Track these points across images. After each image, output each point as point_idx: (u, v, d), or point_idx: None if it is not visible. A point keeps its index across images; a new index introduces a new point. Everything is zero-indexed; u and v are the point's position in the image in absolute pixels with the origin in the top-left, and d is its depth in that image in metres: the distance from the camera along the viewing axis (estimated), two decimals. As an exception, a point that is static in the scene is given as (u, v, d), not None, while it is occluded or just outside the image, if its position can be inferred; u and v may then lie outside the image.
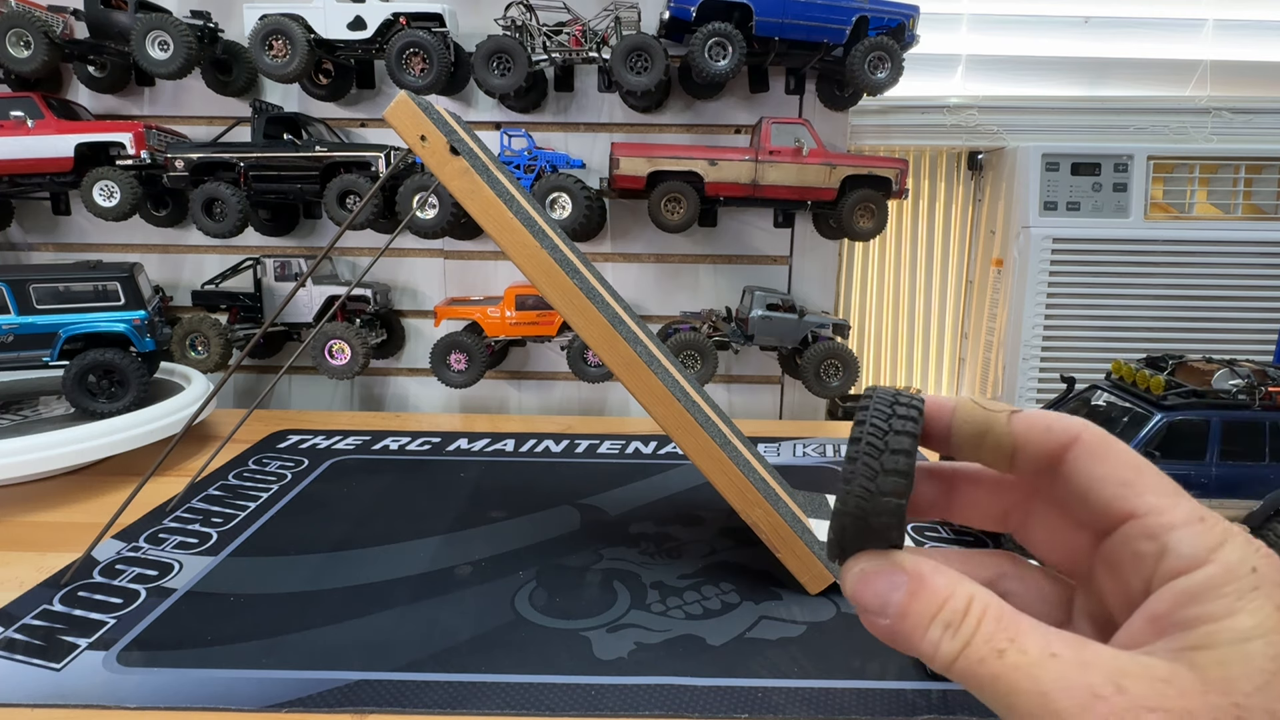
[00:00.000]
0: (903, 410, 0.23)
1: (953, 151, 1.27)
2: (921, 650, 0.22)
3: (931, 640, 0.22)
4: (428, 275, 1.13)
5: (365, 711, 0.42)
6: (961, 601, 0.21)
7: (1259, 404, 0.55)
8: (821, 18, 0.93)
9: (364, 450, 0.87)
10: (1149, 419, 0.55)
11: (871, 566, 0.23)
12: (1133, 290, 1.13)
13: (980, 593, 0.22)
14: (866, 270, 1.33)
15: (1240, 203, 1.13)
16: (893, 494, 0.22)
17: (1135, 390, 0.59)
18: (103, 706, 0.42)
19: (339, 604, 0.53)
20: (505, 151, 1.02)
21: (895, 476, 0.22)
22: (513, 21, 0.96)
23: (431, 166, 0.52)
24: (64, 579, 0.55)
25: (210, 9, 0.99)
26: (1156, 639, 0.20)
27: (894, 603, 0.22)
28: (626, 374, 0.54)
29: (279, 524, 0.66)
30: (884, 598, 0.22)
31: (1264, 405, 0.55)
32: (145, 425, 0.77)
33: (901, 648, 0.22)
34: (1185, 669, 0.19)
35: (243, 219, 0.97)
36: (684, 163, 0.97)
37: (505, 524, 0.67)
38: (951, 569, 0.23)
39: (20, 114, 0.94)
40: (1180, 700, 0.18)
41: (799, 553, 0.55)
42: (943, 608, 0.22)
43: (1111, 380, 0.62)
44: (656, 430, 0.64)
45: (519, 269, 0.53)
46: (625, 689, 0.44)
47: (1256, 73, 1.23)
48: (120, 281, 0.82)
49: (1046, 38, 1.24)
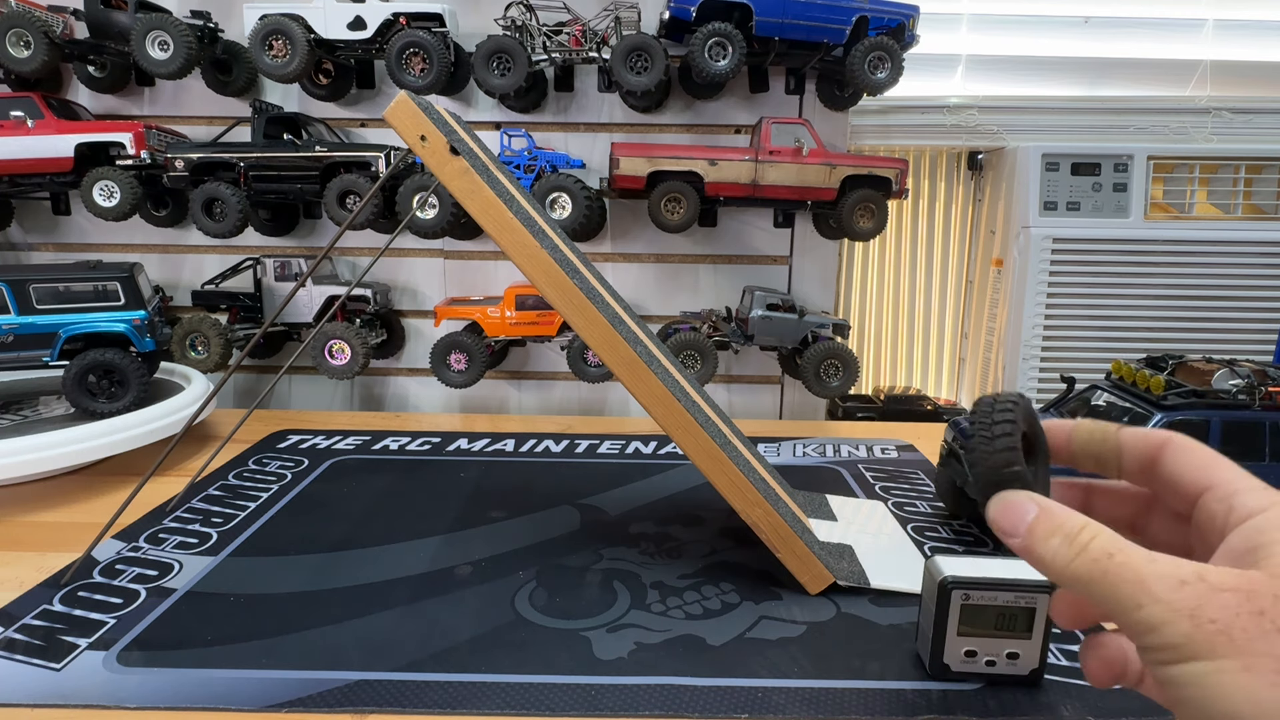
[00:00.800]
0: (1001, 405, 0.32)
1: (953, 151, 1.27)
2: (1043, 556, 0.28)
3: (1051, 548, 0.28)
4: (428, 275, 1.13)
5: (365, 711, 0.42)
6: (1077, 523, 0.28)
7: (1259, 404, 0.55)
8: (821, 18, 0.93)
9: (364, 450, 0.87)
10: (1149, 419, 0.55)
11: (1010, 497, 0.30)
12: (1133, 290, 1.13)
13: (1092, 522, 0.28)
14: (866, 270, 1.33)
15: (1240, 203, 1.13)
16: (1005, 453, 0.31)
17: (1135, 390, 0.59)
18: (103, 706, 0.42)
19: (339, 604, 0.53)
20: (505, 151, 1.02)
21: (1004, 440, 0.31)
22: (513, 21, 0.96)
23: (431, 166, 0.52)
24: (64, 579, 0.55)
25: (210, 9, 1.00)
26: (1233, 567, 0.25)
27: (1025, 523, 0.29)
28: (626, 374, 0.54)
29: (279, 524, 0.66)
30: (1016, 521, 0.29)
31: (1264, 405, 0.55)
32: (145, 425, 0.77)
33: (1029, 559, 0.29)
34: (1254, 569, 0.25)
35: (243, 219, 0.97)
36: (684, 163, 0.97)
37: (505, 524, 0.67)
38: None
39: (20, 114, 0.94)
40: (1249, 584, 0.24)
41: (799, 553, 0.55)
42: (1061, 526, 0.28)
43: (1111, 380, 0.62)
44: (656, 430, 0.64)
45: (519, 269, 0.53)
46: (625, 689, 0.44)
47: (1256, 73, 1.23)
48: (120, 281, 0.82)
49: (1046, 38, 1.24)
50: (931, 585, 0.45)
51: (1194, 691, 0.24)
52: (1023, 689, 0.44)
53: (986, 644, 0.44)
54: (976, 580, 0.43)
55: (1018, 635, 0.44)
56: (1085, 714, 0.42)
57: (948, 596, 0.44)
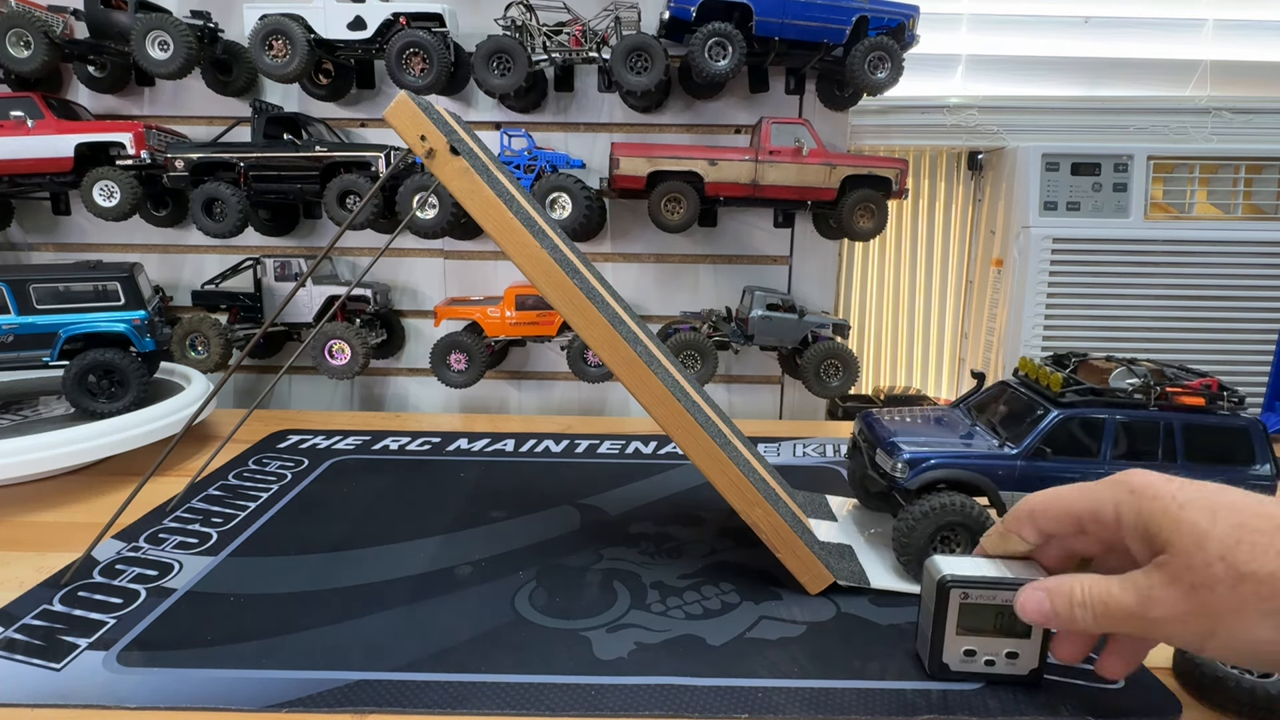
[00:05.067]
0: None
1: (953, 151, 1.27)
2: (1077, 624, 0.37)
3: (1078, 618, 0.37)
4: (428, 275, 1.13)
5: (365, 711, 0.42)
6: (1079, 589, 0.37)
7: (1154, 404, 0.55)
8: (821, 18, 0.93)
9: (364, 450, 0.87)
10: (1047, 415, 0.55)
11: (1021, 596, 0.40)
12: (1133, 290, 1.13)
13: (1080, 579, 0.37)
14: (866, 270, 1.33)
15: (1240, 203, 1.13)
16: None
17: (1036, 387, 0.59)
18: (103, 706, 0.42)
19: (339, 604, 0.53)
20: (505, 151, 1.02)
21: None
22: (513, 21, 0.96)
23: (431, 167, 0.52)
24: (64, 579, 0.55)
25: (210, 9, 0.99)
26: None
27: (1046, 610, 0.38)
28: (626, 374, 0.54)
29: (279, 524, 0.66)
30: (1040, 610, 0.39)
31: (1159, 405, 0.55)
32: (145, 425, 0.77)
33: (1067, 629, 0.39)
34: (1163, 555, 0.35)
35: (243, 219, 0.97)
36: (684, 163, 0.97)
37: (505, 524, 0.67)
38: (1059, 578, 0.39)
39: (20, 114, 0.94)
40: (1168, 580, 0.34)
41: (799, 553, 0.55)
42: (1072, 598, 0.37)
43: (1018, 377, 0.63)
44: (656, 430, 0.64)
45: (519, 269, 0.53)
46: (625, 689, 0.44)
47: (1256, 73, 1.23)
48: (120, 281, 0.82)
49: (1046, 38, 1.24)
50: (930, 584, 0.45)
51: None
52: (1023, 689, 0.44)
53: (986, 643, 0.44)
54: (975, 579, 0.43)
55: (1017, 635, 0.44)
56: (1085, 714, 0.42)
57: (946, 595, 0.44)
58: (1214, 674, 0.43)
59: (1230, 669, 0.43)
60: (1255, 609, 0.31)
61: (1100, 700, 0.44)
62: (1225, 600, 0.31)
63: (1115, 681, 0.45)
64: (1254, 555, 0.31)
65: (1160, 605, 0.33)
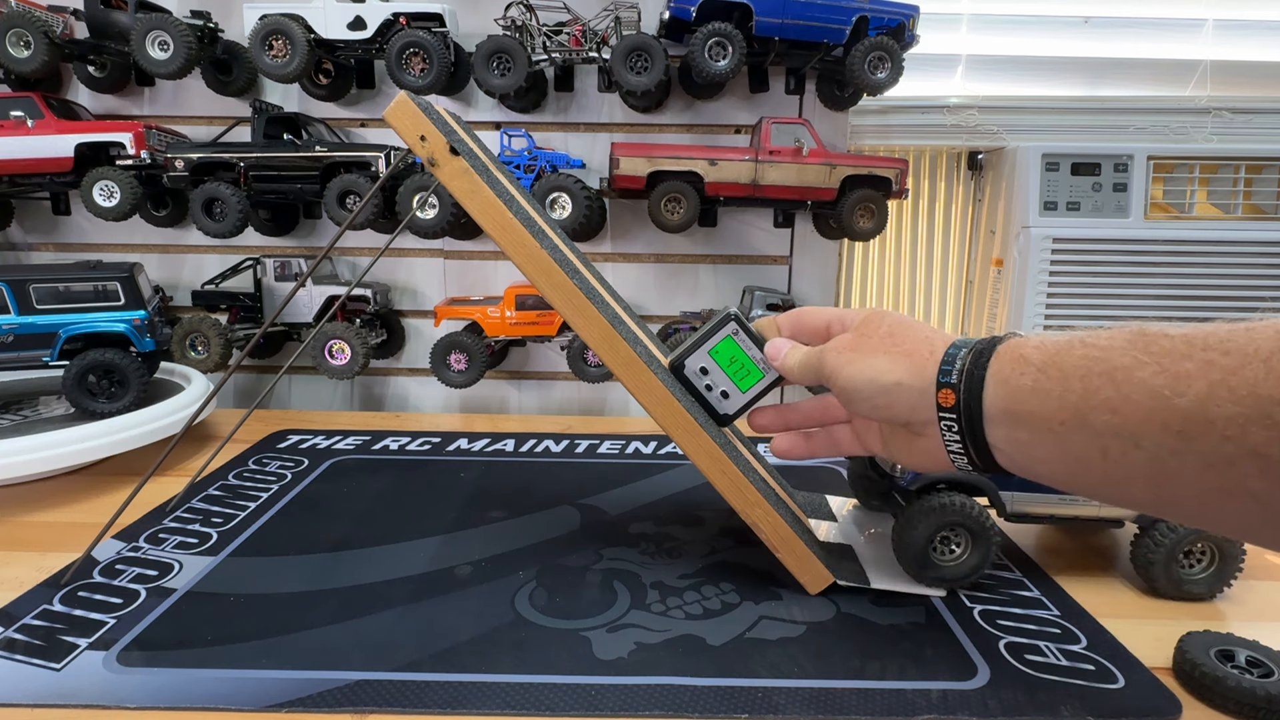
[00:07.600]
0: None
1: (953, 151, 1.27)
2: (787, 364, 0.53)
3: (789, 356, 0.53)
4: (428, 275, 1.13)
5: (365, 711, 0.42)
6: (802, 348, 0.53)
7: None
8: (821, 18, 0.93)
9: (364, 450, 0.87)
10: None
11: (774, 342, 0.54)
12: (1133, 290, 1.13)
13: (797, 345, 0.53)
14: (866, 270, 1.33)
15: (1240, 203, 1.13)
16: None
17: None
18: (103, 706, 0.42)
19: (339, 604, 0.53)
20: (505, 151, 1.02)
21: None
22: (513, 21, 0.96)
23: (431, 168, 0.52)
24: (64, 579, 0.55)
25: (210, 9, 1.00)
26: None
27: (778, 346, 0.54)
28: (626, 374, 0.54)
29: (279, 524, 0.66)
30: (774, 346, 0.54)
31: None
32: (145, 425, 0.77)
33: (783, 369, 0.53)
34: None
35: (243, 219, 0.97)
36: (684, 163, 0.97)
37: (505, 524, 0.67)
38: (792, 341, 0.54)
39: (20, 114, 0.94)
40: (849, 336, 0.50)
41: (799, 553, 0.55)
42: (796, 350, 0.53)
43: None
44: (656, 430, 0.64)
45: (519, 269, 0.53)
46: (625, 689, 0.44)
47: (1256, 73, 1.23)
48: (120, 281, 0.82)
49: (1046, 38, 1.24)
50: (723, 310, 0.55)
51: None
52: (1023, 689, 0.44)
53: (718, 375, 0.55)
54: (750, 329, 0.55)
55: (741, 386, 0.56)
56: (1085, 714, 0.42)
57: (723, 324, 0.54)
58: (1214, 674, 0.43)
59: (1230, 669, 0.43)
60: (884, 351, 0.48)
61: (1100, 700, 0.44)
62: (870, 344, 0.48)
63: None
64: (906, 334, 0.49)
65: (836, 344, 0.49)
